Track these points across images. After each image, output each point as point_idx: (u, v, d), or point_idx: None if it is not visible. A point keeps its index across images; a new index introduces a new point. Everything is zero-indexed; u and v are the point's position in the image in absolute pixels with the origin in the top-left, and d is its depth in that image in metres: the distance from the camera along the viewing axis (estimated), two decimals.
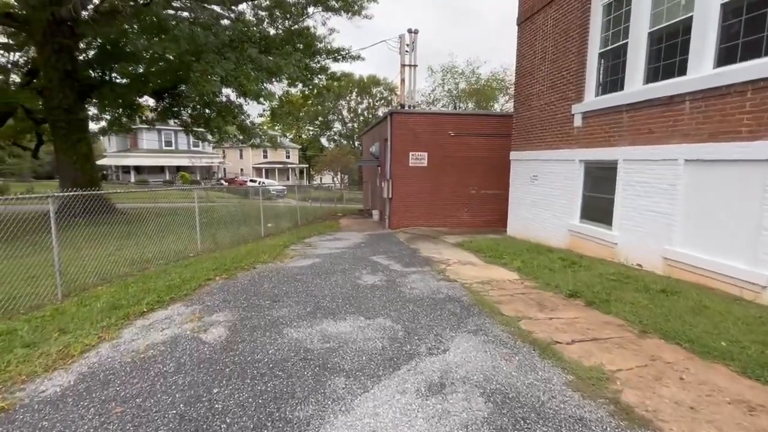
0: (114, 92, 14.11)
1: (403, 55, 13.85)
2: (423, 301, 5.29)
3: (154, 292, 5.49)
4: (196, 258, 8.06)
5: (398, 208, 13.94)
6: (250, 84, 11.18)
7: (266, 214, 13.92)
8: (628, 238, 7.18)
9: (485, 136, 13.91)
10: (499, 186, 14.09)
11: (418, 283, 6.27)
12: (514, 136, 11.38)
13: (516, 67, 11.26)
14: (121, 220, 10.66)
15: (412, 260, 8.08)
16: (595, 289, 5.45)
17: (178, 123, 19.06)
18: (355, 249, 9.40)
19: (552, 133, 9.52)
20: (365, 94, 64.99)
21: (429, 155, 13.85)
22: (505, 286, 6.04)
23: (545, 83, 9.77)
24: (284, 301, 5.28)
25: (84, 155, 15.93)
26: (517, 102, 11.20)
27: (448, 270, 7.21)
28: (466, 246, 9.73)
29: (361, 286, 6.02)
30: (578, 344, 3.89)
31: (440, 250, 9.39)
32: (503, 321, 4.53)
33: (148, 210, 9.56)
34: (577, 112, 8.54)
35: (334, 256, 8.42)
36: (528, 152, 10.61)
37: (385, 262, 7.90)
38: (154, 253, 8.00)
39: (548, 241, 9.53)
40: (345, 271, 7.07)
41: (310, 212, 17.60)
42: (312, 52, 15.74)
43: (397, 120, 13.61)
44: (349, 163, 54.15)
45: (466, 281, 6.36)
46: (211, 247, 9.13)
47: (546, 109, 9.77)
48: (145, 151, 46.67)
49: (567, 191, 8.94)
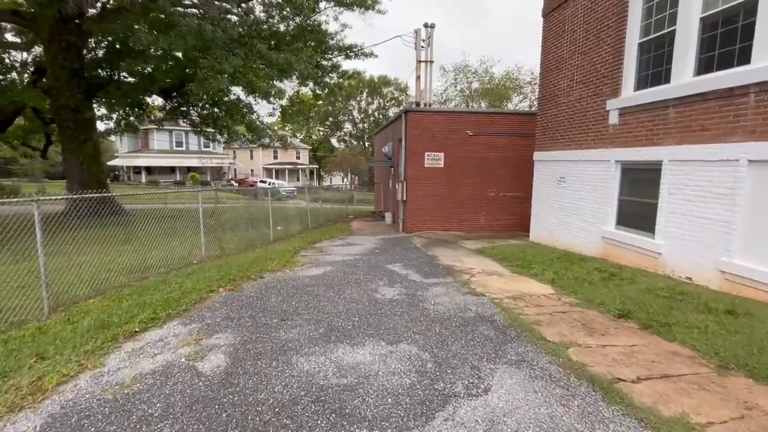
0: (120, 90, 13.72)
1: (419, 51, 13.22)
2: (450, 321, 4.65)
3: (150, 307, 4.93)
4: (200, 265, 7.52)
5: (413, 211, 13.30)
6: (259, 81, 10.66)
7: (275, 216, 13.39)
8: (674, 247, 6.44)
9: (505, 135, 13.20)
10: (519, 188, 13.39)
11: (442, 297, 5.63)
12: (539, 135, 10.67)
13: (541, 62, 10.54)
14: (126, 222, 10.21)
15: (432, 269, 7.44)
16: (648, 309, 4.75)
17: (188, 123, 18.70)
18: (369, 256, 8.79)
19: (582, 131, 8.80)
20: (376, 94, 64.47)
21: (445, 155, 13.19)
22: (540, 303, 5.37)
23: (575, 78, 9.05)
24: (293, 320, 4.68)
25: (91, 155, 15.60)
26: (542, 99, 10.48)
27: (473, 281, 6.55)
28: (488, 253, 9.05)
29: (378, 301, 5.40)
30: (647, 383, 3.21)
31: (460, 257, 8.73)
32: (549, 349, 3.87)
33: (155, 212, 9.08)
34: (612, 109, 7.82)
35: (348, 264, 7.81)
36: (554, 152, 9.89)
37: (403, 271, 7.27)
38: (156, 259, 7.48)
39: (578, 249, 8.80)
40: (360, 282, 6.45)
41: (321, 214, 17.05)
42: (323, 49, 15.19)
43: (412, 118, 12.97)
44: (359, 164, 53.64)
45: (495, 295, 5.70)
46: (216, 253, 8.59)
47: (575, 106, 9.05)
48: (156, 152, 46.74)
49: (600, 195, 8.22)
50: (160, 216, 8.36)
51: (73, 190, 15.90)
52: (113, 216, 9.04)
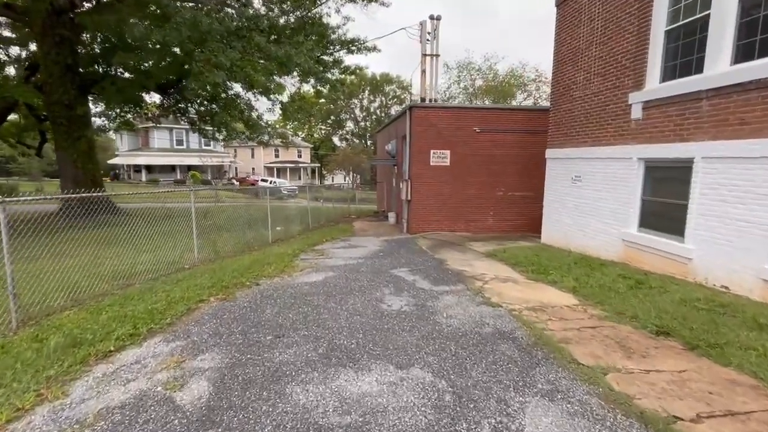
0: (115, 86, 13.22)
1: (424, 44, 12.67)
2: (467, 339, 4.12)
3: (131, 321, 4.42)
4: (192, 271, 7.01)
5: (418, 211, 12.77)
6: (258, 75, 10.14)
7: (275, 216, 12.88)
8: (707, 252, 5.89)
9: (514, 132, 12.64)
10: (528, 187, 12.85)
11: (455, 308, 5.10)
12: (551, 131, 10.11)
13: (554, 55, 9.98)
14: (120, 222, 9.71)
15: (441, 275, 6.91)
16: (690, 324, 4.21)
17: (186, 121, 18.19)
18: (373, 259, 8.27)
19: (600, 127, 8.24)
20: (378, 92, 63.90)
21: (452, 153, 12.65)
22: (565, 315, 4.83)
23: (592, 70, 8.50)
24: (290, 336, 4.16)
25: (85, 153, 15.11)
26: (556, 93, 9.92)
27: (487, 289, 6.02)
28: (500, 256, 8.51)
29: (385, 314, 4.87)
30: (710, 422, 2.68)
31: (470, 261, 8.20)
32: (584, 375, 3.34)
33: (151, 211, 8.56)
34: (635, 102, 7.26)
35: (350, 269, 7.29)
36: (568, 150, 9.34)
37: (410, 277, 6.74)
38: (145, 264, 6.97)
39: (596, 252, 8.26)
40: (363, 290, 5.93)
41: (323, 213, 16.53)
42: (325, 43, 14.65)
43: (417, 115, 12.43)
44: (361, 162, 53.11)
45: (513, 306, 5.16)
46: (210, 256, 8.08)
47: (592, 99, 8.50)
48: (156, 150, 46.30)
49: (620, 194, 7.67)
50: (155, 216, 7.87)
51: (66, 189, 15.45)
52: (107, 216, 8.57)
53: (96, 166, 15.87)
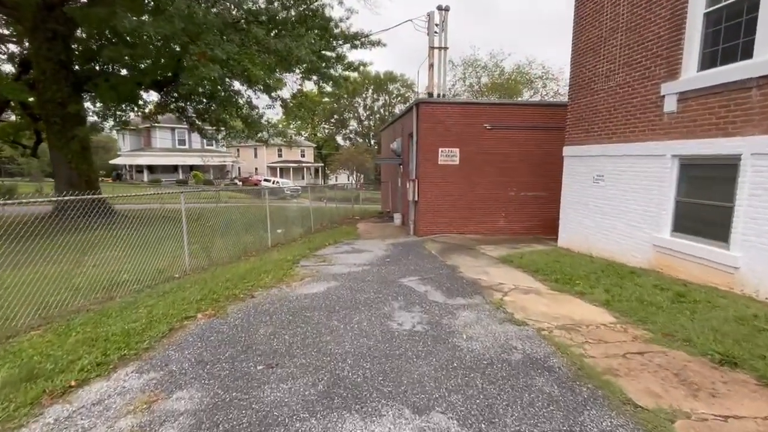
0: (108, 83, 12.66)
1: (432, 36, 12.01)
2: (494, 369, 3.48)
3: (102, 345, 3.82)
4: (181, 281, 6.40)
5: (425, 213, 12.12)
6: (255, 68, 9.54)
7: (276, 218, 12.28)
8: (757, 260, 5.21)
9: (527, 129, 11.97)
10: (541, 187, 12.18)
11: (475, 327, 4.46)
12: (570, 127, 9.43)
13: (572, 45, 9.30)
14: (114, 225, 9.13)
15: (455, 285, 6.26)
16: (761, 352, 3.55)
17: (184, 119, 17.63)
18: (379, 266, 7.64)
19: (627, 121, 7.56)
20: (382, 91, 63.29)
21: (461, 151, 11.99)
22: (603, 336, 4.18)
23: (617, 60, 7.82)
24: (285, 365, 3.54)
25: (79, 153, 14.59)
26: (575, 86, 9.24)
27: (508, 303, 5.37)
28: (517, 262, 7.86)
29: (395, 335, 4.24)
30: None
31: (485, 268, 7.55)
32: (646, 423, 2.69)
33: (147, 213, 8.03)
34: (669, 93, 6.58)
35: (355, 278, 6.66)
36: (589, 147, 8.66)
37: (421, 287, 6.10)
38: (131, 272, 6.38)
39: (621, 258, 7.59)
40: (370, 304, 5.30)
41: (326, 214, 15.92)
42: (327, 38, 14.01)
43: (425, 111, 11.78)
44: (365, 162, 52.48)
45: (541, 324, 4.52)
46: (203, 263, 7.47)
47: (617, 92, 7.82)
48: (159, 150, 45.90)
49: (650, 195, 6.99)
50: (151, 218, 7.31)
51: (60, 190, 14.93)
52: (101, 219, 8.01)
53: (91, 166, 15.34)
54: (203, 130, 17.88)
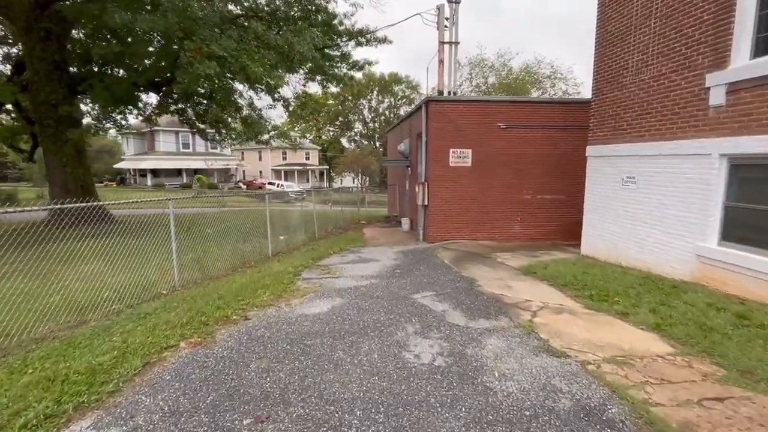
0: (103, 83, 12.11)
1: (442, 31, 11.33)
2: (539, 423, 2.76)
3: (58, 387, 3.15)
4: (169, 298, 5.73)
5: (436, 218, 11.41)
6: (254, 65, 8.91)
7: (278, 224, 11.64)
8: None
9: (544, 127, 11.23)
10: (559, 189, 11.43)
11: (508, 360, 3.74)
12: (594, 125, 8.69)
13: (597, 36, 8.57)
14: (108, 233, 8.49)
15: (475, 302, 5.54)
16: None
17: (185, 121, 17.08)
18: (389, 279, 6.93)
19: (663, 117, 6.82)
20: (387, 92, 62.72)
21: (473, 152, 11.27)
22: (665, 373, 3.44)
23: (650, 50, 7.08)
24: (277, 419, 2.85)
25: (74, 157, 14.06)
26: (599, 81, 8.50)
27: (539, 325, 4.65)
28: (540, 274, 7.12)
29: (413, 372, 3.53)
30: None
31: (506, 280, 6.82)
32: None
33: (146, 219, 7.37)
34: (715, 85, 5.83)
35: (362, 294, 5.96)
36: (618, 146, 7.91)
37: (437, 306, 5.39)
38: (113, 288, 5.73)
39: (657, 269, 6.83)
40: (380, 328, 4.60)
41: (330, 219, 15.26)
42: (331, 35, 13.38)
43: (435, 110, 11.08)
44: (370, 165, 51.85)
45: (585, 355, 3.79)
46: (195, 277, 6.80)
47: (650, 85, 7.08)
48: (162, 154, 45.55)
49: (693, 199, 6.24)
50: (148, 225, 6.67)
51: (55, 196, 14.39)
52: (96, 226, 7.40)
53: (87, 170, 14.80)
54: (204, 132, 17.30)
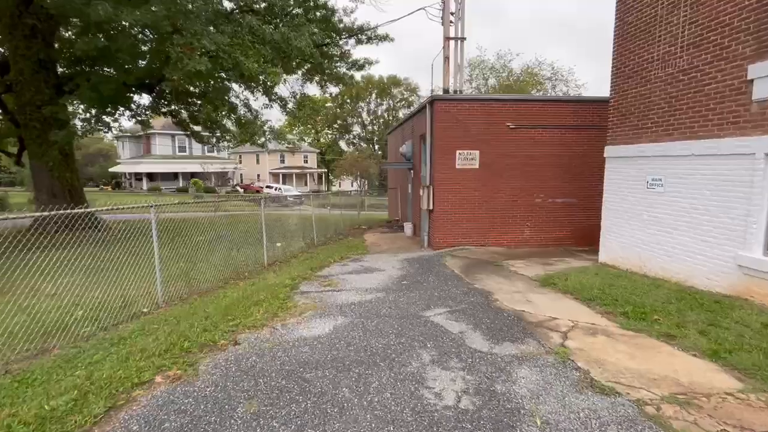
0: (90, 83, 11.47)
1: (447, 26, 10.75)
2: None
3: None
4: (149, 319, 5.07)
5: (441, 223, 10.79)
6: (248, 61, 8.30)
7: (275, 230, 11.01)
8: None
9: (555, 127, 10.64)
10: (571, 192, 10.84)
11: (547, 400, 3.10)
12: (614, 124, 8.10)
13: (616, 29, 7.99)
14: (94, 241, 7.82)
15: (496, 321, 4.91)
16: None
17: (177, 123, 16.44)
18: (396, 292, 6.30)
19: (696, 114, 6.22)
20: (385, 95, 62.27)
21: (481, 154, 10.67)
22: (743, 419, 2.81)
23: (679, 41, 6.49)
24: None
25: (61, 160, 13.39)
26: (620, 77, 7.91)
27: (574, 350, 4.02)
28: (561, 286, 6.50)
29: (435, 420, 2.88)
30: None
31: (524, 293, 6.19)
32: None
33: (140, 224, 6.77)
34: (761, 77, 5.24)
35: (368, 311, 5.33)
36: (641, 146, 7.32)
37: (453, 326, 4.76)
38: (88, 306, 5.09)
39: (689, 280, 6.22)
40: (391, 355, 3.96)
41: (330, 224, 14.62)
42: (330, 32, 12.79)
43: (441, 109, 10.48)
44: (369, 168, 51.27)
45: (637, 392, 3.16)
46: (181, 292, 6.13)
47: (679, 79, 6.49)
48: (159, 157, 44.89)
49: (733, 204, 5.63)
50: (140, 230, 6.04)
51: (41, 201, 13.71)
52: (83, 232, 6.77)
53: (75, 174, 14.13)
54: (199, 135, 16.67)
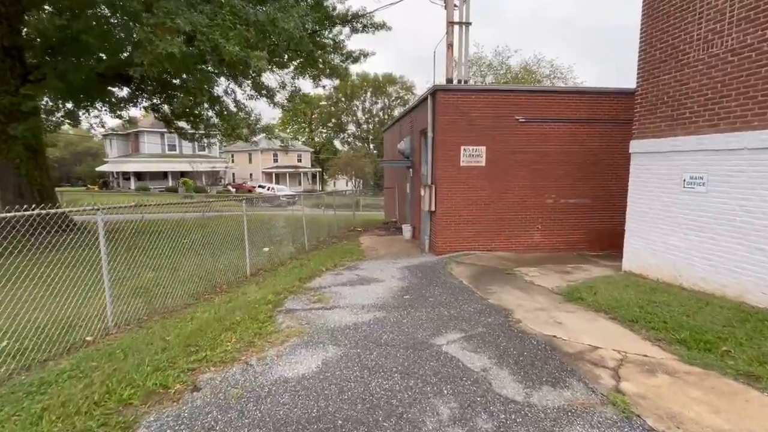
0: (57, 71, 10.38)
1: (451, 9, 9.80)
2: None
3: None
4: (89, 352, 4.04)
5: (444, 226, 9.83)
6: (229, 44, 7.29)
7: (261, 233, 10.01)
8: None
9: (568, 121, 9.73)
10: (585, 192, 9.96)
11: None
12: (641, 115, 7.19)
13: (644, 9, 7.08)
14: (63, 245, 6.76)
15: (524, 351, 3.95)
16: None
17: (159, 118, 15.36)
18: (398, 310, 5.32)
19: (747, 99, 5.31)
20: (381, 93, 61.34)
21: (488, 150, 9.73)
22: None
23: (726, 17, 5.58)
24: None
25: (30, 157, 12.28)
26: (649, 61, 7.00)
27: (634, 397, 3.07)
28: (590, 301, 5.56)
29: None
30: None
31: (549, 310, 5.25)
32: None
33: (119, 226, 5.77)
34: None
35: (365, 338, 4.35)
36: (677, 139, 6.41)
37: (473, 360, 3.79)
38: (21, 331, 4.06)
39: (742, 295, 5.31)
40: (397, 409, 2.98)
41: (323, 225, 13.63)
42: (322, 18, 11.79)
43: (444, 101, 9.52)
44: (364, 167, 50.30)
45: None
46: (139, 313, 5.10)
47: (727, 60, 5.57)
48: (147, 156, 43.51)
49: None
50: (118, 233, 5.02)
51: (7, 202, 12.59)
52: (54, 236, 5.74)
53: (44, 173, 13.00)
54: (183, 131, 15.58)
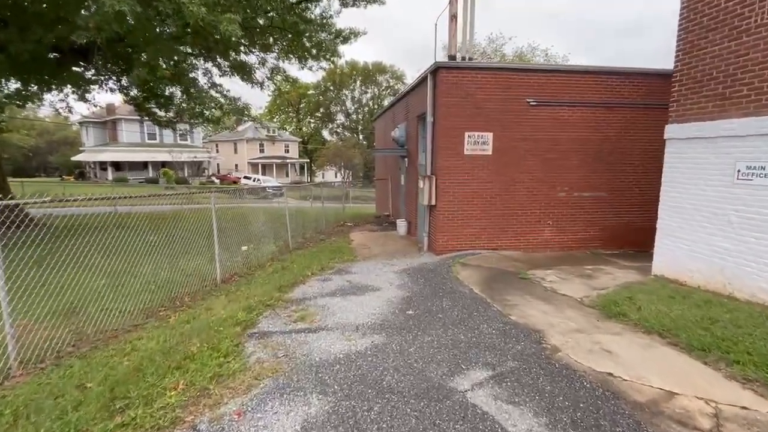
0: None
1: None
2: None
3: None
4: None
5: (446, 222, 8.75)
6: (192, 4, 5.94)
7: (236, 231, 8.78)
8: None
9: (584, 105, 8.69)
10: (601, 185, 8.99)
11: None
12: (681, 95, 6.15)
13: None
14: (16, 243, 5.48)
15: (581, 403, 2.90)
16: None
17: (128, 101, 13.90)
18: (401, 333, 4.23)
19: None
20: (370, 82, 59.77)
21: (495, 137, 8.63)
22: None
23: None
24: None
25: None
26: (692, 31, 5.94)
27: None
28: (634, 316, 4.54)
29: None
30: None
31: (587, 332, 4.21)
32: None
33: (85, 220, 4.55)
34: None
35: (360, 381, 3.24)
36: (729, 121, 5.39)
37: (514, 421, 2.72)
38: None
39: None
40: None
41: (310, 219, 12.43)
42: None
43: (446, 80, 8.36)
44: (353, 158, 48.95)
45: None
46: (61, 345, 3.89)
47: None
48: (126, 145, 41.41)
49: None
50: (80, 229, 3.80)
51: None
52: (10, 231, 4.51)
53: None
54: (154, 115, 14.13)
